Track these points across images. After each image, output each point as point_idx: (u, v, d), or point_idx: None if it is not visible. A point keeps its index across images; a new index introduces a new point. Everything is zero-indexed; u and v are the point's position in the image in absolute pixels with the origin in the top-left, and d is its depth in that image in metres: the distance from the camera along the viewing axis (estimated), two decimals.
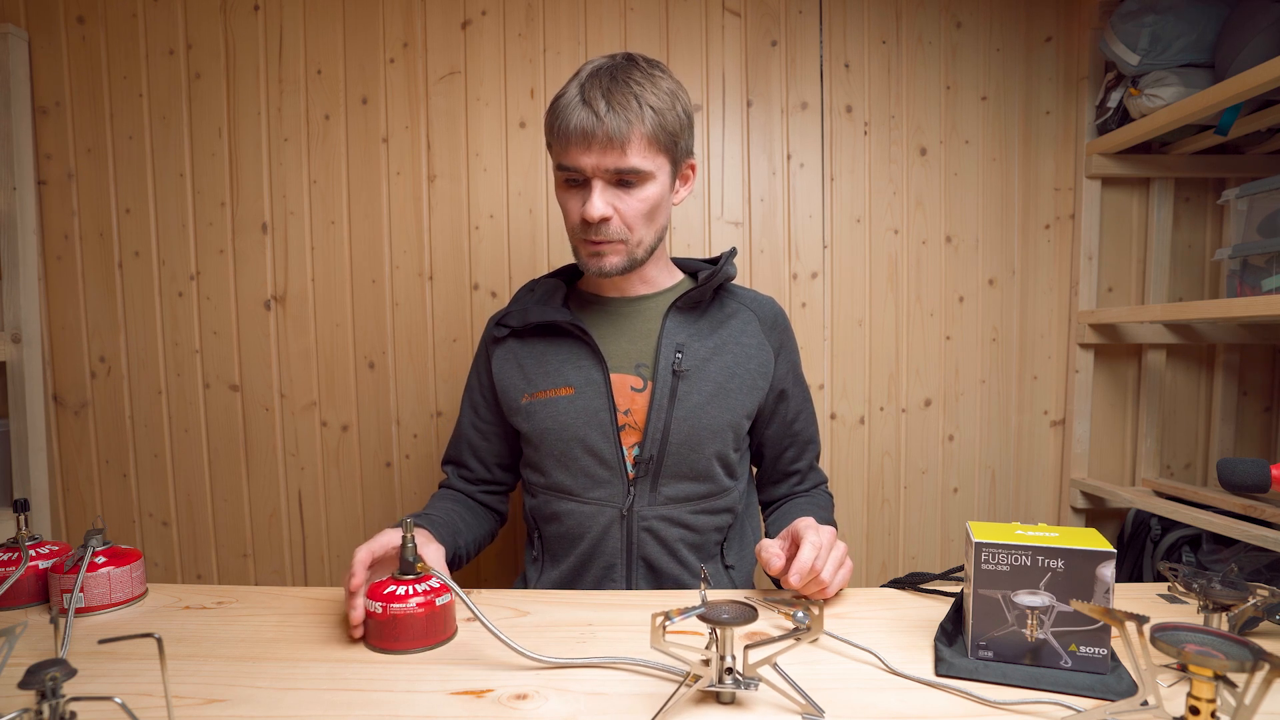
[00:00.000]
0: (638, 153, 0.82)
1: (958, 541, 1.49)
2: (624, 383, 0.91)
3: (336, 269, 1.39)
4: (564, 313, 0.91)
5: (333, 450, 1.42)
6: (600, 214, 0.82)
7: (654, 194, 0.86)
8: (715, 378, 0.91)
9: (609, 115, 0.80)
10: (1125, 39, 1.24)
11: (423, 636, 0.64)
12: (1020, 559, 0.57)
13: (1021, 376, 1.47)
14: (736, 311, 0.96)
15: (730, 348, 0.93)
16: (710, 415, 0.89)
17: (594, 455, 0.89)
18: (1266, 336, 1.41)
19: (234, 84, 1.37)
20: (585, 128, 0.80)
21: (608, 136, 0.80)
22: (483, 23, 1.37)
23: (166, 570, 1.43)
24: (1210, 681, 0.43)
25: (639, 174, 0.83)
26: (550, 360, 0.92)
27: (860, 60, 1.41)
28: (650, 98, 0.82)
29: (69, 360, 1.39)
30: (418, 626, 0.64)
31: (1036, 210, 1.45)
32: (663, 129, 0.83)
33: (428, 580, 0.66)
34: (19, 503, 0.77)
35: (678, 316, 0.92)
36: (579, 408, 0.90)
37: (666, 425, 0.88)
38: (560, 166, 0.85)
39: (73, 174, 1.37)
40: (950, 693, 0.56)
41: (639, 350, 0.92)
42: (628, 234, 0.86)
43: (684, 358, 0.90)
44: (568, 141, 0.82)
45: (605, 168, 0.82)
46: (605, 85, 0.81)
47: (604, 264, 0.87)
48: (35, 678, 0.42)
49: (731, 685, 0.53)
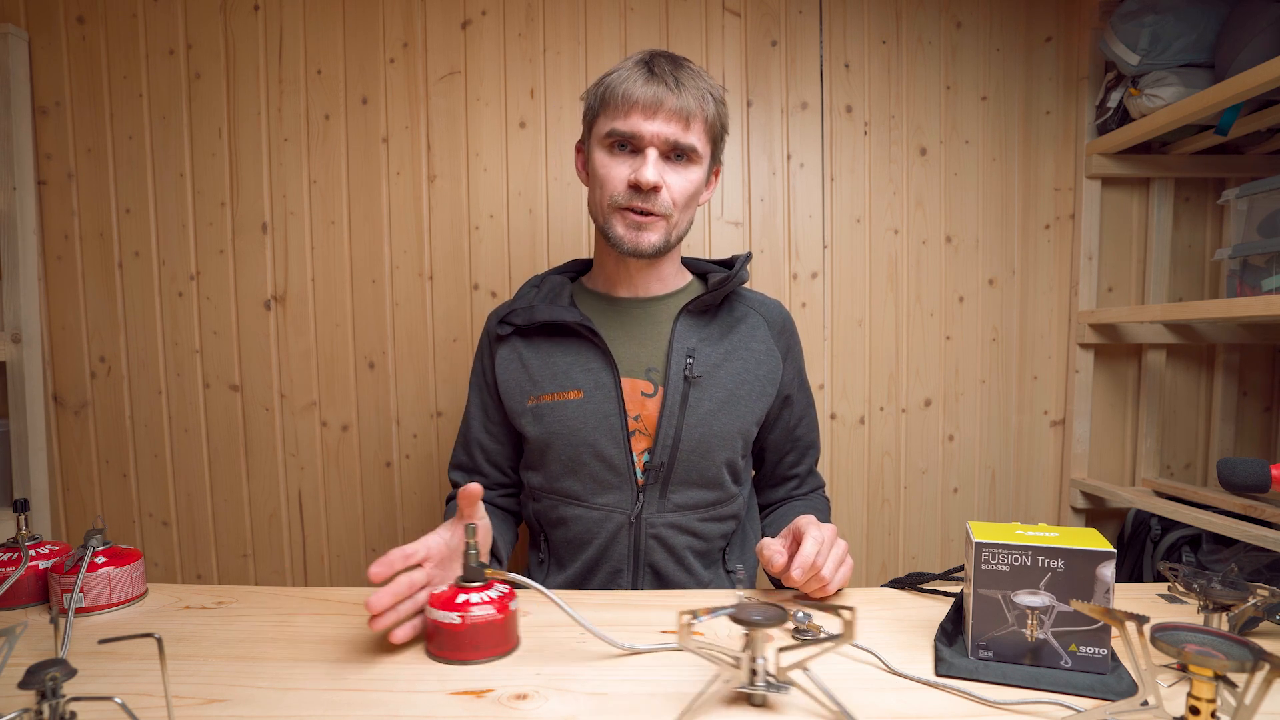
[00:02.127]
0: (697, 132, 0.84)
1: (958, 541, 1.49)
2: (635, 387, 0.89)
3: (336, 269, 1.39)
4: (574, 312, 0.89)
5: (333, 450, 1.42)
6: (654, 179, 0.82)
7: (698, 178, 0.87)
8: (726, 384, 0.89)
9: (679, 90, 0.82)
10: (1125, 39, 1.24)
11: (500, 644, 0.63)
12: (1020, 559, 0.57)
13: (1021, 376, 1.47)
14: (745, 316, 0.95)
15: (740, 353, 0.91)
16: (721, 422, 0.88)
17: (603, 461, 0.87)
18: (1266, 336, 1.41)
19: (234, 84, 1.37)
20: (655, 95, 0.82)
21: (675, 109, 0.82)
22: (483, 23, 1.37)
23: (166, 570, 1.43)
24: (1210, 681, 0.43)
25: (693, 153, 0.85)
26: (558, 361, 0.90)
27: (860, 60, 1.41)
28: (712, 89, 0.86)
29: (69, 360, 1.39)
30: (496, 634, 0.62)
31: (1036, 210, 1.45)
32: (719, 120, 0.87)
33: (493, 586, 0.64)
34: (19, 503, 0.77)
35: (689, 320, 0.90)
36: (589, 412, 0.87)
37: (678, 432, 0.87)
38: (613, 132, 0.84)
39: (73, 174, 1.37)
40: (950, 693, 0.56)
41: (649, 354, 0.90)
42: (672, 210, 0.85)
43: (695, 363, 0.88)
44: (632, 106, 0.82)
45: (665, 138, 0.82)
46: (671, 66, 0.84)
47: (641, 239, 0.85)
48: (35, 678, 0.42)
49: (764, 687, 0.53)
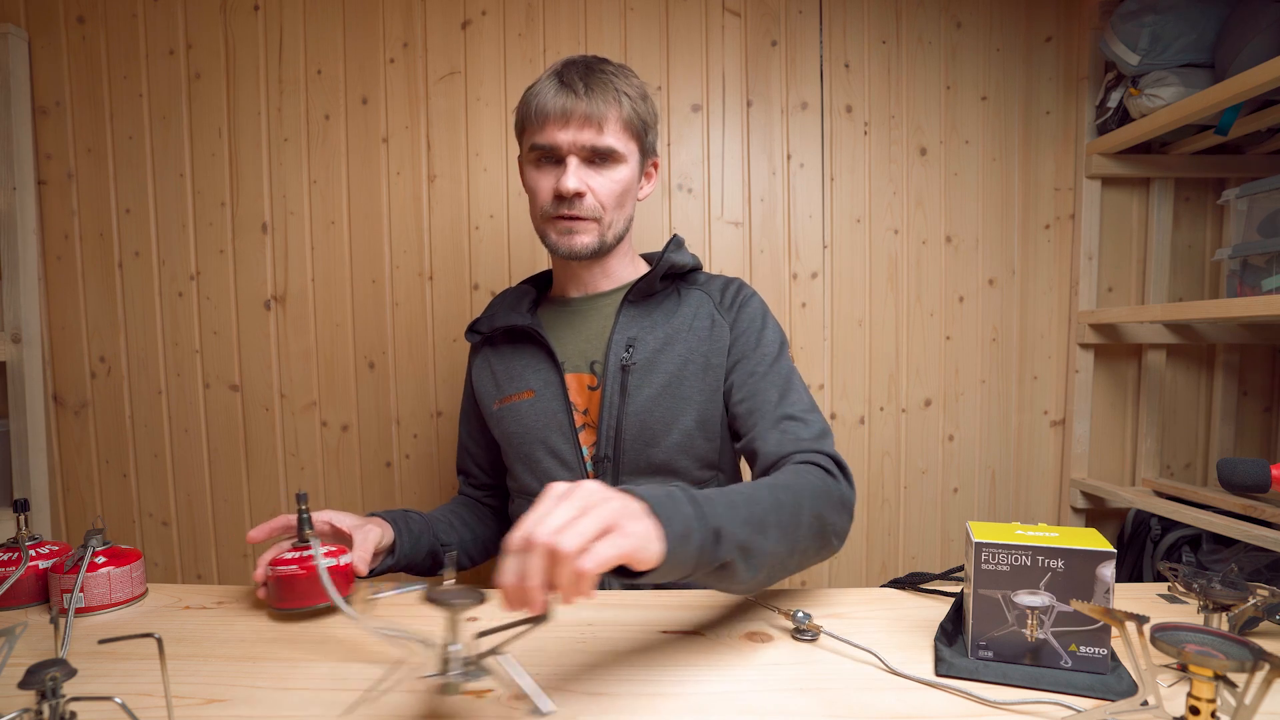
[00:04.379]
0: (613, 133, 0.86)
1: (958, 541, 1.49)
2: (580, 381, 0.91)
3: (336, 269, 1.39)
4: (524, 317, 0.93)
5: (333, 450, 1.42)
6: (575, 187, 0.84)
7: (625, 176, 0.88)
8: (667, 368, 0.88)
9: (587, 96, 0.84)
10: (1125, 39, 1.24)
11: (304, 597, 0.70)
12: (1020, 559, 0.57)
13: (1021, 376, 1.47)
14: (690, 297, 0.93)
15: (683, 336, 0.90)
16: (663, 407, 0.87)
17: (555, 457, 0.90)
18: (1266, 336, 1.41)
19: (234, 84, 1.36)
20: (564, 105, 0.83)
21: (585, 115, 0.84)
22: (483, 23, 1.37)
23: (166, 570, 1.43)
24: (1210, 681, 0.43)
25: (613, 154, 0.86)
26: (514, 365, 0.94)
27: (860, 60, 1.41)
28: (624, 86, 0.87)
29: (69, 360, 1.39)
30: (300, 587, 0.70)
31: (1036, 210, 1.45)
32: (636, 115, 0.87)
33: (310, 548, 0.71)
34: (19, 503, 0.76)
35: (631, 310, 0.91)
36: (539, 410, 0.90)
37: (619, 421, 0.87)
38: (534, 146, 0.86)
39: (73, 174, 1.37)
40: (950, 693, 0.56)
41: (593, 347, 0.92)
42: (601, 212, 0.87)
43: (635, 351, 0.88)
44: (545, 119, 0.84)
45: (582, 144, 0.84)
46: (581, 72, 0.86)
47: (574, 242, 0.87)
48: (35, 678, 0.42)
49: (458, 675, 0.47)
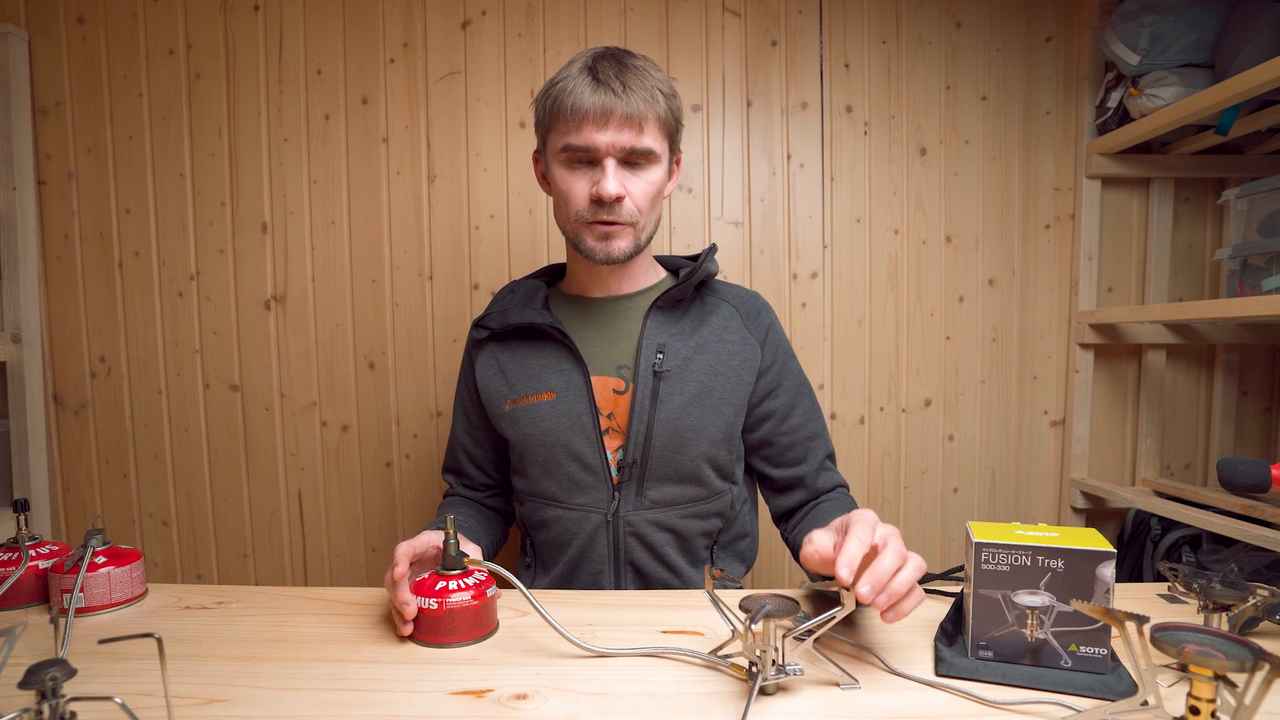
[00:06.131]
0: (651, 134, 0.82)
1: (958, 541, 1.49)
2: (605, 385, 0.88)
3: (336, 269, 1.39)
4: (544, 315, 0.89)
5: (333, 450, 1.42)
6: (617, 191, 0.81)
7: (659, 178, 0.85)
8: (698, 377, 0.88)
9: (627, 94, 0.79)
10: (1125, 39, 1.24)
11: (476, 628, 0.66)
12: (1020, 559, 0.57)
13: (1021, 376, 1.47)
14: (717, 308, 0.93)
15: (713, 346, 0.90)
16: (695, 416, 0.87)
17: (578, 460, 0.87)
18: (1266, 336, 1.41)
19: (234, 84, 1.37)
20: (604, 104, 0.79)
21: (626, 115, 0.80)
22: (483, 23, 1.37)
23: (166, 570, 1.43)
24: (1210, 681, 0.43)
25: (650, 155, 0.83)
26: (531, 364, 0.90)
27: (860, 60, 1.41)
28: (660, 83, 0.83)
29: (69, 360, 1.39)
30: (471, 619, 0.65)
31: (1036, 210, 1.45)
32: (671, 114, 0.85)
33: (473, 574, 0.68)
34: (19, 503, 0.76)
35: (659, 316, 0.89)
36: (561, 412, 0.87)
37: (649, 427, 0.86)
38: (568, 147, 0.82)
39: (73, 174, 1.37)
40: (950, 693, 0.56)
41: (620, 351, 0.90)
42: (638, 216, 0.84)
43: (665, 358, 0.87)
44: (582, 119, 0.80)
45: (621, 146, 0.81)
46: (615, 68, 0.81)
47: (612, 248, 0.84)
48: (35, 678, 0.42)
49: (776, 676, 0.54)
